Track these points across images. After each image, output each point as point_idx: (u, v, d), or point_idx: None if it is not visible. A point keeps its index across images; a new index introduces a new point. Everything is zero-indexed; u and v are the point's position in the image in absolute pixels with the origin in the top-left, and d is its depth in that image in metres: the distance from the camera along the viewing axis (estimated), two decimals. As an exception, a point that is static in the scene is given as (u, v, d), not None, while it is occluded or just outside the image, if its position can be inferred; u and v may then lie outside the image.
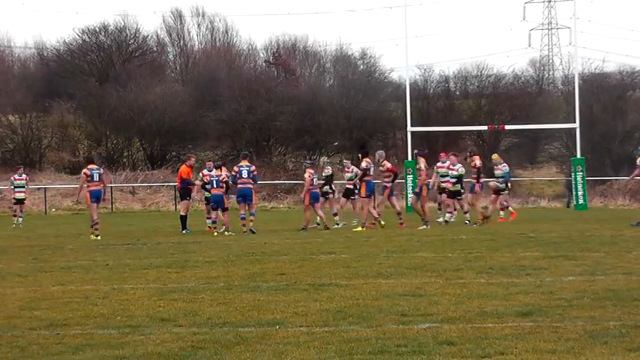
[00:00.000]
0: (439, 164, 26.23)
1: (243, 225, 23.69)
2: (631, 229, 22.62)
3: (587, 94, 51.01)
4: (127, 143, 55.45)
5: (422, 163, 24.82)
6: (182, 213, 25.05)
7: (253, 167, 24.47)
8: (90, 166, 23.14)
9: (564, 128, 50.03)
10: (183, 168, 25.64)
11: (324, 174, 26.00)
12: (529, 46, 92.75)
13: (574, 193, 39.49)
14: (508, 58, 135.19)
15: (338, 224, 25.58)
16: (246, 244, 19.87)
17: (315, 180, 24.67)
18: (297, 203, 40.49)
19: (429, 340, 8.30)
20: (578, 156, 40.48)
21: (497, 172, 27.54)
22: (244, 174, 23.91)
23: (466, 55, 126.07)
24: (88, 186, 22.85)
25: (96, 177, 22.86)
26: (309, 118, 54.47)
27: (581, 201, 39.28)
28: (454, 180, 25.79)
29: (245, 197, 23.87)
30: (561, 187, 51.54)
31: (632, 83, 61.12)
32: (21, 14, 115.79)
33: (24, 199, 31.45)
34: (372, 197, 25.79)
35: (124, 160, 54.65)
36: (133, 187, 48.71)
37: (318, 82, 64.22)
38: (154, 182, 49.04)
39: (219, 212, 24.02)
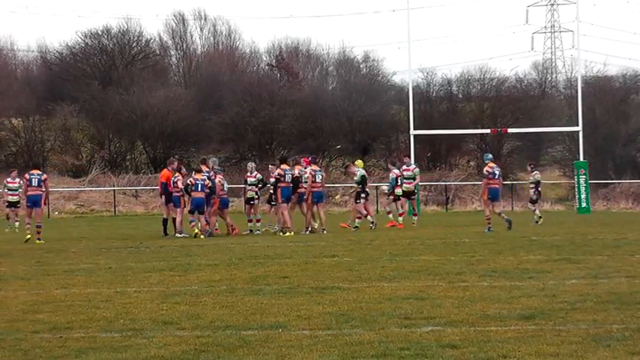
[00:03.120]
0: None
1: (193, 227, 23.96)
2: (633, 232, 22.61)
3: (590, 98, 50.98)
4: (130, 146, 55.50)
5: (312, 167, 25.04)
6: (164, 216, 25.05)
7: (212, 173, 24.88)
8: (32, 172, 23.64)
9: (567, 131, 50.03)
10: (164, 172, 25.55)
11: (249, 180, 25.84)
12: (532, 49, 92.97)
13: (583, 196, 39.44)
14: (511, 61, 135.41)
15: (259, 230, 25.60)
16: (249, 247, 19.88)
17: (225, 186, 24.78)
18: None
19: (432, 343, 8.30)
20: (581, 159, 40.50)
21: (355, 179, 27.53)
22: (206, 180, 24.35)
23: (469, 58, 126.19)
24: (27, 191, 23.29)
25: (34, 182, 23.31)
26: (311, 121, 54.49)
27: (584, 204, 39.26)
28: (356, 184, 26.83)
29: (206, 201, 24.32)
30: (564, 190, 51.52)
31: (634, 86, 61.14)
32: (24, 17, 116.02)
33: (18, 203, 30.71)
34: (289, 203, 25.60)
35: (127, 163, 54.72)
36: (135, 190, 48.74)
37: (320, 85, 64.23)
38: (156, 185, 48.97)
39: (198, 215, 24.09)
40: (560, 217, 34.56)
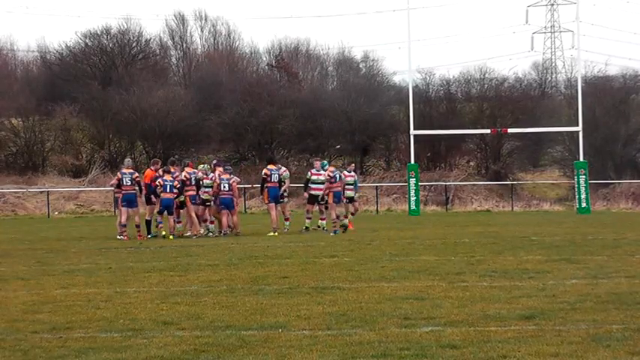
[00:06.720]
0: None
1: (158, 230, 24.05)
2: (633, 232, 22.61)
3: (590, 98, 50.90)
4: (130, 146, 55.43)
5: (217, 172, 25.14)
6: (147, 217, 24.98)
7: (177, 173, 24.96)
8: None
9: (567, 131, 50.01)
10: (148, 172, 25.51)
11: (206, 182, 25.65)
12: (532, 49, 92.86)
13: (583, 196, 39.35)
14: (510, 61, 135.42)
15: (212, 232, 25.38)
16: (249, 247, 19.88)
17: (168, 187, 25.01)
18: (300, 206, 40.48)
19: (432, 343, 8.30)
20: (581, 159, 40.46)
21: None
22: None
23: (468, 58, 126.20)
24: None
25: None
26: (311, 121, 54.44)
27: (584, 204, 39.24)
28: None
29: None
30: (564, 190, 51.50)
31: (634, 86, 61.00)
32: (23, 17, 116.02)
33: None
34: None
35: (127, 163, 54.61)
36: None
37: (320, 86, 64.24)
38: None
39: (167, 215, 24.07)
40: (560, 217, 34.55)
